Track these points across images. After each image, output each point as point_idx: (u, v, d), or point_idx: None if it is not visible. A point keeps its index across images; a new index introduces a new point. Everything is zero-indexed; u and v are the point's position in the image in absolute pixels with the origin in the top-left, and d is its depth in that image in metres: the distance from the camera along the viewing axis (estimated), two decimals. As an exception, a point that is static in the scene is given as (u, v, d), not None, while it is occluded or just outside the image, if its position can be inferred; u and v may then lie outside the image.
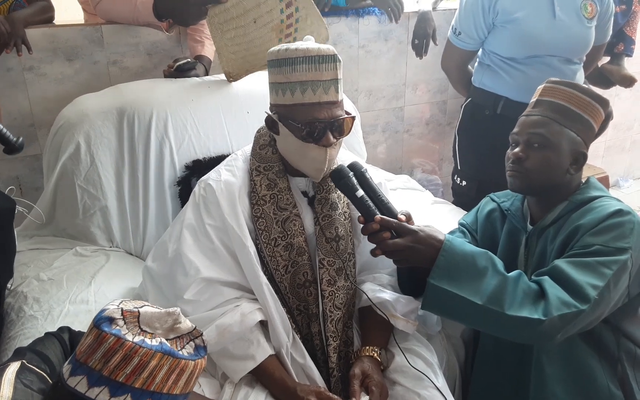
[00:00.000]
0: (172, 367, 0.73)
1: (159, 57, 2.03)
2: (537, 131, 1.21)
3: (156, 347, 0.72)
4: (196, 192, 1.26)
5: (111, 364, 0.70)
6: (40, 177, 1.83)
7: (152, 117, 1.62)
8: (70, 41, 1.88)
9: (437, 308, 1.15)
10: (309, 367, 1.18)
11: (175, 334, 0.78)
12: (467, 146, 2.03)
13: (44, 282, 1.39)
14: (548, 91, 1.25)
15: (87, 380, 0.69)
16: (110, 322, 0.72)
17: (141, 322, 0.75)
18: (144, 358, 0.71)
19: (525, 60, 1.77)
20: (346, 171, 1.15)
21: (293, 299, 1.22)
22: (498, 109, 1.86)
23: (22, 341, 1.19)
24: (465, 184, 2.02)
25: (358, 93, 2.57)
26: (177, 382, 0.74)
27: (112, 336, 0.70)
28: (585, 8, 1.76)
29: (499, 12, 1.75)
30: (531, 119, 1.24)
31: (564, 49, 1.76)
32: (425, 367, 1.20)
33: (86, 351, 0.71)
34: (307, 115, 1.12)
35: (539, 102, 1.25)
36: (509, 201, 1.38)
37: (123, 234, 1.64)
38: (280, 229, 1.21)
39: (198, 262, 1.17)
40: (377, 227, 1.08)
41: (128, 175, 1.62)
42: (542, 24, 1.72)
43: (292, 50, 1.11)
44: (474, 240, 1.40)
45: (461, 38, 1.88)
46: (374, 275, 1.32)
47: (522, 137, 1.24)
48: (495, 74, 1.86)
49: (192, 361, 0.76)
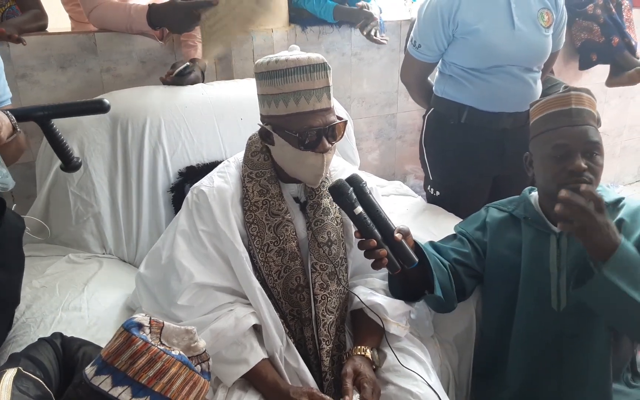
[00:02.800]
0: (187, 379, 0.80)
1: (152, 64, 2.04)
2: (592, 140, 1.22)
3: (177, 356, 0.80)
4: (189, 198, 1.27)
5: (136, 366, 0.75)
6: (32, 185, 1.82)
7: (145, 124, 1.63)
8: (63, 49, 1.88)
9: (599, 300, 1.14)
10: (303, 371, 1.18)
11: (191, 352, 0.84)
12: (435, 156, 2.02)
13: (37, 289, 1.39)
14: (578, 100, 1.26)
15: (111, 379, 0.75)
16: (139, 327, 0.79)
17: (163, 335, 0.82)
18: (166, 364, 0.78)
19: (487, 70, 1.78)
20: (345, 188, 1.14)
21: (286, 304, 1.23)
22: (462, 118, 1.86)
23: (14, 348, 1.19)
24: (439, 194, 2.03)
25: (351, 100, 2.58)
26: (189, 395, 0.80)
27: (140, 340, 0.77)
28: (542, 17, 1.78)
29: (459, 24, 1.75)
30: (582, 129, 1.23)
31: (524, 58, 1.78)
32: (418, 366, 1.21)
33: (114, 352, 0.77)
34: (303, 123, 1.13)
35: (578, 111, 1.25)
36: (518, 208, 1.39)
37: (116, 240, 1.64)
38: (273, 235, 1.21)
39: (191, 268, 1.17)
40: (375, 244, 1.10)
41: (121, 182, 1.63)
42: (501, 34, 1.73)
43: (282, 62, 1.12)
44: (474, 250, 1.40)
45: (421, 50, 1.86)
46: (366, 279, 1.33)
47: (578, 147, 1.22)
48: (457, 84, 1.85)
49: (202, 379, 0.83)
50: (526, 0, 1.77)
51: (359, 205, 1.14)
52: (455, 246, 1.41)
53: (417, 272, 1.24)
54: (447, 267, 1.32)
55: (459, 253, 1.38)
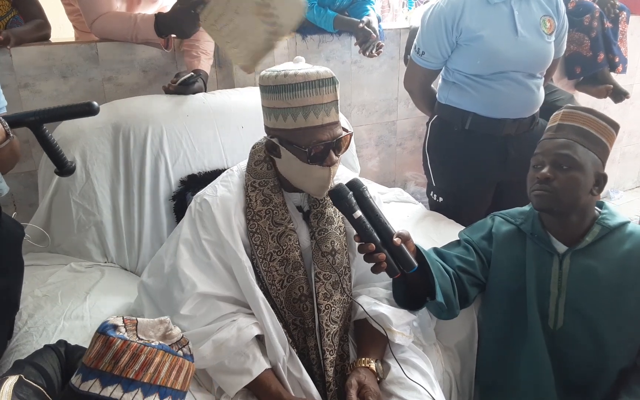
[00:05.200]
0: (172, 364, 0.83)
1: (153, 73, 2.04)
2: (565, 152, 1.25)
3: (158, 346, 0.82)
4: (192, 207, 1.27)
5: (121, 364, 0.77)
6: (34, 193, 1.83)
7: (147, 133, 1.64)
8: (65, 58, 1.89)
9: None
10: (306, 382, 1.18)
11: (168, 341, 0.87)
12: (439, 163, 2.03)
13: (39, 298, 1.39)
14: (568, 116, 1.30)
15: (99, 382, 0.76)
16: (114, 328, 0.81)
17: (138, 330, 0.84)
18: (149, 355, 0.80)
19: (490, 77, 1.79)
20: (345, 192, 1.15)
21: (289, 314, 1.23)
22: (466, 125, 1.87)
23: (17, 357, 1.18)
24: (442, 200, 2.03)
25: (351, 107, 2.59)
26: (177, 378, 0.83)
27: (119, 339, 0.79)
28: (545, 24, 1.80)
29: (462, 31, 1.76)
30: (557, 142, 1.28)
31: (527, 64, 1.79)
32: (422, 378, 1.21)
33: (95, 357, 0.78)
34: (311, 138, 1.13)
35: (561, 126, 1.29)
36: (526, 223, 1.40)
37: (118, 249, 1.64)
38: (276, 244, 1.21)
39: (194, 277, 1.17)
40: (373, 248, 1.11)
41: (123, 191, 1.63)
42: (505, 41, 1.75)
43: (291, 76, 1.11)
44: (479, 259, 1.41)
45: (424, 57, 1.88)
46: (369, 288, 1.33)
47: (549, 158, 1.28)
48: (461, 91, 1.87)
49: (187, 361, 0.86)
50: (529, 8, 1.79)
51: (359, 210, 1.14)
52: (460, 253, 1.41)
53: (419, 278, 1.24)
54: (450, 274, 1.33)
55: (463, 261, 1.39)
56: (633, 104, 3.53)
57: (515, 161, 1.88)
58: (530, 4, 1.79)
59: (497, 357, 1.38)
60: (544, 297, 1.30)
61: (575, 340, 1.27)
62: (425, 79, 1.98)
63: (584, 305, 1.26)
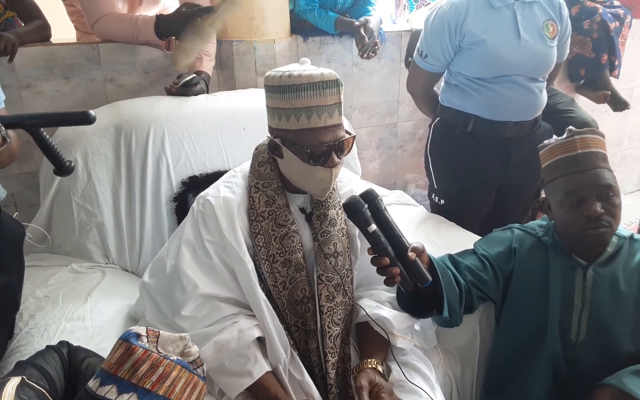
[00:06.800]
0: (187, 381, 0.84)
1: (155, 74, 2.05)
2: (606, 183, 1.24)
3: (177, 361, 0.84)
4: (195, 208, 1.26)
5: (139, 373, 0.78)
6: (35, 194, 1.83)
7: (149, 134, 1.64)
8: (67, 59, 1.89)
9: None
10: (307, 384, 1.18)
11: (186, 358, 0.87)
12: (441, 165, 2.03)
13: (40, 299, 1.38)
14: (583, 143, 1.28)
15: (116, 388, 0.77)
16: (137, 337, 0.82)
17: (159, 343, 0.85)
18: (167, 369, 0.81)
19: (493, 80, 1.80)
20: (360, 205, 1.12)
21: (291, 316, 1.23)
22: (469, 127, 1.87)
23: (18, 358, 1.18)
24: (443, 202, 2.04)
25: (352, 110, 2.60)
26: (190, 396, 0.84)
27: (140, 348, 0.80)
28: (547, 28, 1.80)
29: (465, 34, 1.77)
30: (592, 174, 1.25)
31: (529, 68, 1.80)
32: (423, 382, 1.21)
33: (116, 363, 0.79)
34: (313, 139, 1.13)
35: (585, 156, 1.27)
36: (547, 235, 1.39)
37: (119, 250, 1.64)
38: (279, 245, 1.21)
39: (196, 278, 1.17)
40: (387, 262, 1.11)
41: (125, 192, 1.63)
42: (508, 45, 1.75)
43: (295, 77, 1.11)
44: (495, 278, 1.38)
45: (427, 60, 1.88)
46: (371, 291, 1.33)
47: (593, 193, 1.24)
48: (463, 93, 1.87)
49: (201, 381, 0.87)
50: (532, 12, 1.79)
51: (373, 223, 1.12)
52: (475, 267, 1.38)
53: (428, 289, 1.22)
54: (461, 286, 1.31)
55: (477, 277, 1.36)
56: (634, 108, 3.53)
57: (517, 164, 1.88)
58: (533, 8, 1.79)
59: (510, 364, 1.37)
60: (567, 310, 1.29)
61: (596, 351, 1.26)
62: (428, 81, 1.99)
63: (607, 317, 1.26)
